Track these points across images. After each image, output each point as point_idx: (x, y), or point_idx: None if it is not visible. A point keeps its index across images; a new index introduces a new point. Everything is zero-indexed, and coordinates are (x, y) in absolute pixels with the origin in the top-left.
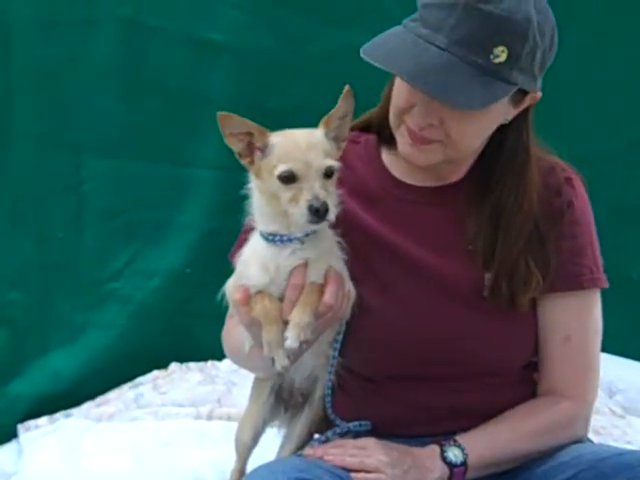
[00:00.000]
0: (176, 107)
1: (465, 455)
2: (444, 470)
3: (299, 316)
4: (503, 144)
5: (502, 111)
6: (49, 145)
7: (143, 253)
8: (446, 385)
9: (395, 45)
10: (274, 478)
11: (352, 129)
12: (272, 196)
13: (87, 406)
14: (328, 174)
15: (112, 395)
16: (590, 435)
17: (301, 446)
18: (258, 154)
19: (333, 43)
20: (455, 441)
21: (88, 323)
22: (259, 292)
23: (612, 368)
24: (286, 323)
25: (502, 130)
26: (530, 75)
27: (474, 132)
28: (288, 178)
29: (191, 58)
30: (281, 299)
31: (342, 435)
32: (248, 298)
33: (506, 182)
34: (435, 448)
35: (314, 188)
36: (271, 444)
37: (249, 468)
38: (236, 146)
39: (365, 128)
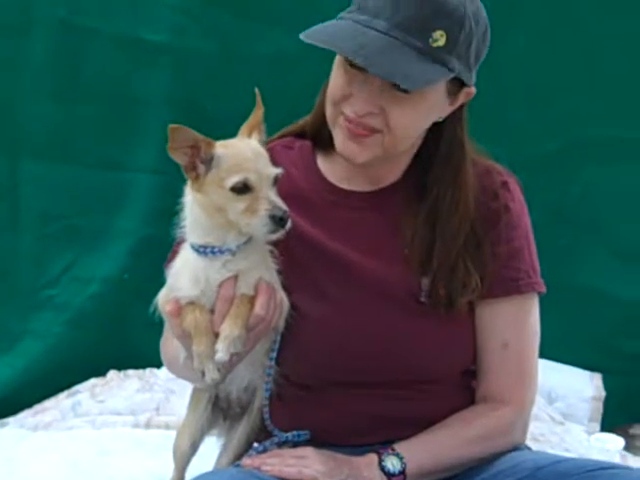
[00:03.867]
0: (113, 110)
1: (403, 464)
2: (382, 479)
3: (229, 328)
4: (438, 143)
5: (439, 102)
6: None
7: (80, 259)
8: (384, 393)
9: (334, 30)
10: None
11: (286, 135)
12: (216, 209)
13: (23, 415)
14: (275, 182)
15: (49, 404)
16: (529, 442)
17: (239, 456)
18: (201, 167)
19: (273, 46)
20: (393, 450)
21: (24, 331)
22: (190, 304)
23: (552, 375)
24: (217, 335)
25: (436, 130)
26: (466, 64)
27: (412, 120)
28: (242, 189)
29: (128, 60)
30: (212, 311)
31: (280, 445)
32: (179, 310)
33: (442, 182)
34: (373, 457)
35: (271, 197)
36: (209, 454)
37: (187, 477)
38: (181, 159)
39: (299, 135)
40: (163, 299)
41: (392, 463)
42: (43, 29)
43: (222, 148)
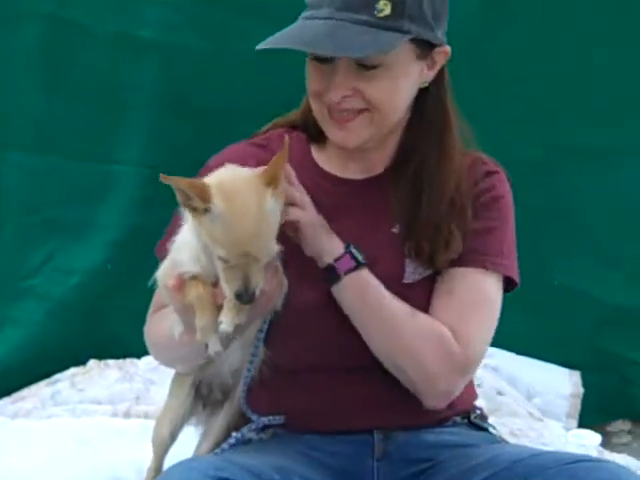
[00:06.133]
0: (99, 104)
1: (362, 262)
2: (339, 249)
3: (233, 300)
4: (422, 108)
5: (412, 68)
6: None
7: (63, 249)
8: (366, 376)
9: (284, 32)
10: (190, 476)
11: (277, 126)
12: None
13: (3, 402)
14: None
15: (28, 392)
16: (507, 437)
17: (219, 443)
18: (199, 204)
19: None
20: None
21: (5, 319)
22: (193, 277)
23: (531, 371)
24: (220, 308)
25: (422, 99)
26: (424, 24)
27: (389, 91)
28: (225, 261)
29: (116, 55)
30: (215, 284)
31: (258, 431)
32: (182, 284)
33: (426, 144)
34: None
35: (248, 278)
36: (189, 442)
37: (166, 466)
38: (180, 195)
39: (291, 127)
40: (165, 272)
41: (357, 252)
42: (30, 23)
43: (222, 202)
